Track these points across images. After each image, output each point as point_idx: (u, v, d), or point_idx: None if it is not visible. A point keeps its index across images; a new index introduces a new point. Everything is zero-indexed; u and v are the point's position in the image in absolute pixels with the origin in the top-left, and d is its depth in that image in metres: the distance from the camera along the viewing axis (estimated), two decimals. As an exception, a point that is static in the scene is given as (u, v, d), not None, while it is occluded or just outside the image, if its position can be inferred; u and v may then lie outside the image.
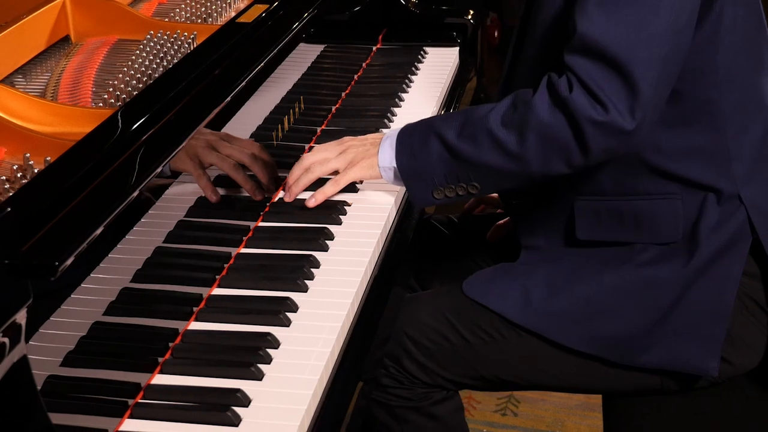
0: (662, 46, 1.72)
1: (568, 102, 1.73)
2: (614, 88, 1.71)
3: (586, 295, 1.90)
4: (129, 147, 1.55)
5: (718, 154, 1.87)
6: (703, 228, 1.86)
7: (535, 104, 1.77)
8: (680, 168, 1.87)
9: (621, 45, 1.70)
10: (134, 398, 1.50)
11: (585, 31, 1.73)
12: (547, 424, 3.23)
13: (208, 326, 1.67)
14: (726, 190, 1.87)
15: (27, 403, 1.26)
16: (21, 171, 1.54)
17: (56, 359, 1.45)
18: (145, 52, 1.99)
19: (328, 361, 1.59)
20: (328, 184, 1.98)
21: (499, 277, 1.99)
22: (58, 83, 1.93)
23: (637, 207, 1.90)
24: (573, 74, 1.74)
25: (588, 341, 1.90)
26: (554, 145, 1.77)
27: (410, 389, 2.00)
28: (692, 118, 1.86)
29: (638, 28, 1.71)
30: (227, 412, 1.45)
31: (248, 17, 2.06)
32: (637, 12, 1.71)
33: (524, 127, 1.78)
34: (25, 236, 1.28)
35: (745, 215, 1.87)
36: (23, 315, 1.24)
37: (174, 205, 1.80)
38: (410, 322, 1.98)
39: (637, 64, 1.70)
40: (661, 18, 1.71)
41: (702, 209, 1.87)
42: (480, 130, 1.82)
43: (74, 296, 1.45)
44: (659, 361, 1.88)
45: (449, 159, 1.86)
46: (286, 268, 1.81)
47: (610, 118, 1.71)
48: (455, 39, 2.88)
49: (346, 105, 2.51)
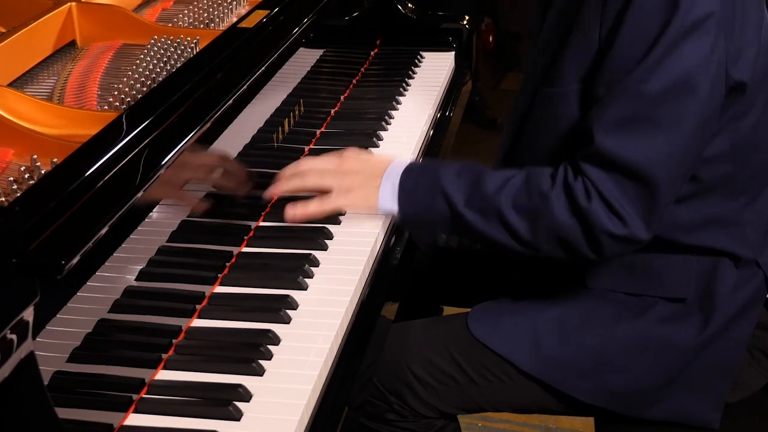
0: (684, 156, 1.68)
1: (586, 213, 1.68)
2: (631, 202, 1.67)
3: (598, 348, 1.86)
4: (133, 149, 1.55)
5: (732, 222, 1.84)
6: (719, 290, 1.83)
7: (551, 203, 1.72)
8: (695, 238, 1.84)
9: (642, 161, 1.65)
10: (139, 393, 1.50)
11: (604, 146, 1.68)
12: (541, 419, 3.23)
13: (210, 323, 1.67)
14: (743, 256, 1.84)
15: (34, 397, 1.26)
16: (28, 172, 1.54)
17: (63, 355, 1.45)
18: (149, 56, 1.99)
19: (327, 357, 1.60)
20: (314, 204, 1.88)
21: (507, 316, 1.93)
22: (64, 87, 1.93)
23: (649, 261, 1.86)
24: (591, 184, 1.69)
25: (597, 394, 1.87)
26: (566, 243, 1.73)
27: (414, 422, 1.97)
28: (707, 193, 1.81)
29: (662, 143, 1.66)
30: (229, 407, 1.45)
31: (249, 22, 2.06)
32: (660, 128, 1.66)
33: (537, 219, 1.73)
34: (32, 236, 1.28)
35: (761, 280, 1.86)
36: (30, 312, 1.24)
37: (177, 206, 1.80)
38: (413, 357, 1.94)
39: (659, 179, 1.66)
40: (682, 134, 1.66)
41: (717, 271, 1.84)
42: (491, 210, 1.76)
43: (80, 294, 1.45)
44: (665, 415, 1.87)
45: (455, 222, 1.81)
46: (287, 266, 1.81)
47: (627, 232, 1.68)
48: (451, 44, 2.87)
49: (344, 108, 2.51)
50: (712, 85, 1.65)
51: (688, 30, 1.63)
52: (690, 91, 1.64)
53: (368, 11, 2.83)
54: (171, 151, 1.62)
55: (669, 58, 1.64)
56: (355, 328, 1.72)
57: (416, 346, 1.95)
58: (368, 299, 1.81)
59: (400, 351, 1.94)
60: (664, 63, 1.64)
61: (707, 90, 1.65)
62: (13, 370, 1.22)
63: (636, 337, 1.85)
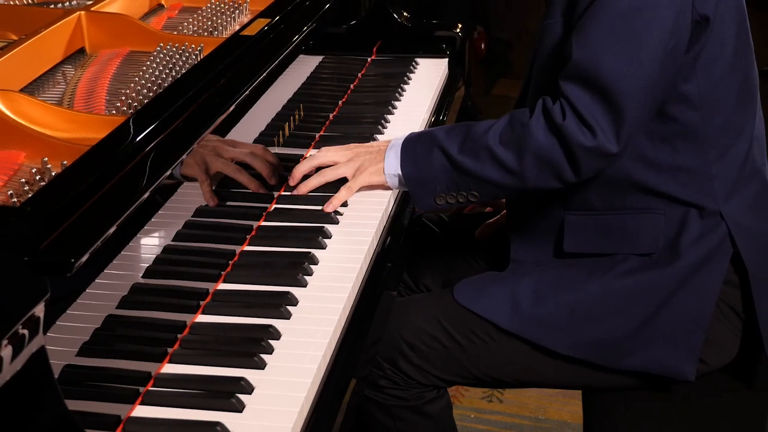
0: (649, 76, 1.73)
1: (562, 129, 1.76)
2: (602, 115, 1.74)
3: (572, 303, 1.90)
4: (140, 152, 1.55)
5: (701, 173, 1.87)
6: (684, 241, 1.86)
7: (532, 127, 1.80)
8: (664, 184, 1.87)
9: (610, 74, 1.72)
10: (145, 386, 1.50)
11: (578, 59, 1.76)
12: (531, 410, 3.23)
13: (214, 319, 1.67)
14: (708, 207, 1.87)
15: (45, 390, 1.26)
16: (39, 174, 1.54)
17: (72, 350, 1.45)
18: (155, 63, 1.99)
19: (326, 351, 1.60)
20: (342, 190, 1.99)
21: (488, 285, 1.98)
22: (74, 92, 1.93)
23: (622, 221, 1.90)
24: (566, 101, 1.77)
25: (573, 346, 1.90)
26: (549, 164, 1.80)
27: (405, 389, 2.00)
28: (677, 139, 1.86)
29: (627, 58, 1.72)
30: (232, 399, 1.45)
31: (251, 30, 2.06)
32: (626, 44, 1.73)
33: (522, 147, 1.80)
34: (43, 235, 1.28)
35: (725, 230, 1.87)
36: (41, 308, 1.24)
37: (182, 206, 1.80)
38: (406, 326, 1.98)
39: (625, 93, 1.72)
40: (649, 50, 1.72)
41: (683, 224, 1.87)
42: (480, 147, 1.84)
43: (89, 291, 1.45)
44: (641, 364, 1.88)
45: (451, 171, 1.88)
46: (287, 264, 1.81)
47: (597, 143, 1.74)
48: (444, 51, 2.88)
49: (342, 112, 2.51)
50: (677, 13, 1.73)
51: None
52: (654, 11, 1.72)
53: (365, 19, 2.84)
54: (176, 154, 1.63)
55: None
56: (353, 323, 1.73)
57: (407, 317, 1.99)
58: (365, 296, 1.81)
59: (393, 323, 1.98)
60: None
61: (671, 16, 1.73)
62: (25, 364, 1.22)
63: (606, 289, 1.89)
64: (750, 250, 1.88)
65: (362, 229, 1.94)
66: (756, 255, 1.89)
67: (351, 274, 1.80)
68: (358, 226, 1.95)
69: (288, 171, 2.05)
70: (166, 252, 1.72)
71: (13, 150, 1.63)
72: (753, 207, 1.92)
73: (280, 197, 2.04)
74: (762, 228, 1.92)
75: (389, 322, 1.96)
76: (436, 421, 2.06)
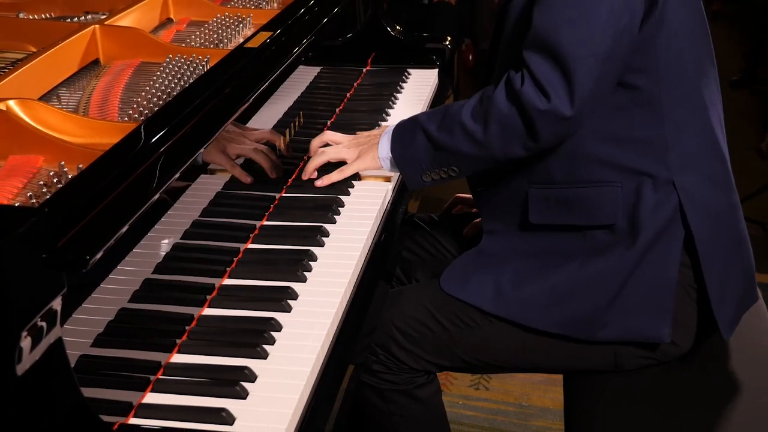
0: (602, 44, 1.73)
1: (520, 94, 1.77)
2: (556, 79, 1.75)
3: (549, 284, 1.91)
4: (150, 156, 1.55)
5: (657, 144, 1.87)
6: (642, 212, 1.86)
7: (495, 98, 1.82)
8: (621, 156, 1.87)
9: (564, 41, 1.73)
10: (155, 375, 1.50)
11: (537, 26, 1.77)
12: (515, 397, 3.23)
13: (219, 312, 1.67)
14: (661, 177, 1.86)
15: (62, 379, 1.26)
16: (57, 177, 1.54)
17: (87, 341, 1.45)
18: (164, 73, 1.99)
19: (324, 342, 1.60)
20: (335, 172, 2.05)
21: (471, 273, 1.98)
22: (89, 100, 1.93)
23: (581, 194, 1.90)
24: (526, 68, 1.78)
25: (552, 323, 1.91)
26: (511, 132, 1.81)
27: (397, 374, 2.01)
28: (634, 109, 1.86)
29: (581, 27, 1.73)
30: (236, 387, 1.45)
31: (255, 43, 2.06)
32: (581, 12, 1.73)
33: (488, 118, 1.82)
34: (60, 233, 1.28)
35: (677, 201, 1.86)
36: (58, 302, 1.24)
37: (190, 207, 1.80)
38: (397, 314, 1.99)
39: (577, 59, 1.73)
40: (601, 19, 1.73)
41: (639, 194, 1.86)
42: (454, 123, 1.87)
43: (103, 286, 1.45)
44: (616, 334, 1.88)
45: (432, 148, 1.91)
46: (288, 261, 1.81)
47: (551, 106, 1.75)
48: (435, 62, 2.88)
49: (339, 119, 2.51)
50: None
51: None
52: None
53: (361, 33, 2.84)
54: (185, 158, 1.62)
55: None
56: (349, 315, 1.73)
57: (399, 305, 2.01)
58: (360, 290, 1.81)
59: (386, 311, 1.99)
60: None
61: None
62: (44, 354, 1.22)
63: (578, 270, 1.89)
64: (700, 222, 1.86)
65: (358, 228, 1.94)
66: (706, 229, 1.87)
67: (347, 270, 1.80)
68: (354, 225, 1.95)
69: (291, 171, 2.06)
70: (175, 249, 1.72)
71: (33, 154, 1.63)
72: (707, 181, 1.90)
73: (282, 198, 2.04)
74: (712, 200, 1.90)
75: (383, 311, 1.97)
76: (426, 405, 2.07)
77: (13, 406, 1.21)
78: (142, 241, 1.56)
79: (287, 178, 2.12)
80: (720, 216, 1.92)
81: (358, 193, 2.07)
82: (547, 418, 3.14)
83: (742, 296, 1.97)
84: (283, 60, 2.06)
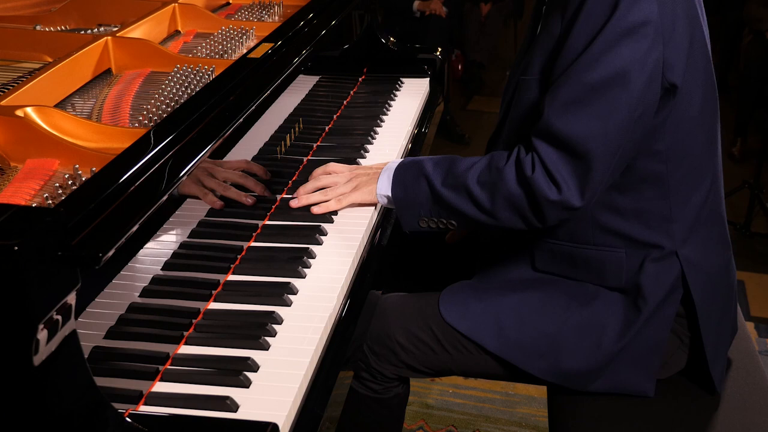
0: (616, 140, 1.67)
1: (530, 181, 1.71)
2: (568, 172, 1.69)
3: (552, 332, 1.86)
4: (159, 159, 1.55)
5: (662, 217, 1.82)
6: (646, 280, 1.82)
7: (505, 175, 1.75)
8: (626, 227, 1.82)
9: (580, 138, 1.66)
10: (164, 365, 1.50)
11: (550, 122, 1.69)
12: (501, 386, 3.23)
13: (224, 306, 1.67)
14: (666, 247, 1.82)
15: (76, 369, 1.26)
16: (72, 179, 1.54)
17: (100, 333, 1.45)
18: (172, 82, 1.99)
19: (322, 334, 1.60)
20: (332, 202, 1.99)
21: (472, 302, 1.93)
22: (101, 107, 1.92)
23: (586, 254, 1.86)
24: (537, 156, 1.71)
25: (549, 372, 1.87)
26: (517, 211, 1.75)
27: (381, 383, 2.00)
28: (642, 187, 1.80)
29: (597, 125, 1.66)
30: (240, 376, 1.46)
31: (257, 53, 2.06)
32: (597, 112, 1.66)
33: (495, 190, 1.76)
34: (74, 232, 1.28)
35: (679, 269, 1.83)
36: (73, 297, 1.24)
37: (196, 207, 1.80)
38: (399, 329, 1.95)
39: (593, 155, 1.66)
40: (618, 117, 1.66)
41: (643, 262, 1.82)
42: (460, 184, 1.81)
43: (115, 281, 1.45)
44: (607, 387, 1.87)
45: (433, 200, 1.85)
46: (289, 258, 1.81)
47: (562, 198, 1.69)
48: (426, 71, 2.88)
49: (337, 125, 2.51)
50: (646, 84, 1.65)
51: (625, 32, 1.64)
52: (624, 84, 1.65)
53: (357, 44, 2.84)
54: (191, 161, 1.62)
55: (608, 55, 1.65)
56: (345, 310, 1.73)
57: (400, 318, 1.96)
58: (356, 286, 1.81)
59: (386, 322, 1.96)
60: (603, 58, 1.65)
61: (640, 87, 1.65)
62: (59, 346, 1.22)
63: (583, 323, 1.85)
64: (699, 285, 1.84)
65: (354, 227, 1.94)
66: (704, 289, 1.85)
67: (344, 267, 1.80)
68: (351, 225, 1.95)
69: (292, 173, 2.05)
70: (183, 247, 1.72)
71: (49, 158, 1.63)
72: (707, 246, 1.87)
73: (283, 199, 2.04)
74: (711, 263, 1.88)
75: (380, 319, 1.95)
76: (392, 412, 2.07)
77: (30, 395, 1.21)
78: (152, 239, 1.56)
79: (287, 180, 2.12)
80: (717, 277, 1.90)
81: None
82: (531, 405, 3.14)
83: (728, 343, 1.97)
84: (283, 69, 2.06)
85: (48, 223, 1.21)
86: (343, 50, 2.76)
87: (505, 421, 3.06)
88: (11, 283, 1.16)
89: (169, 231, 1.65)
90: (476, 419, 3.07)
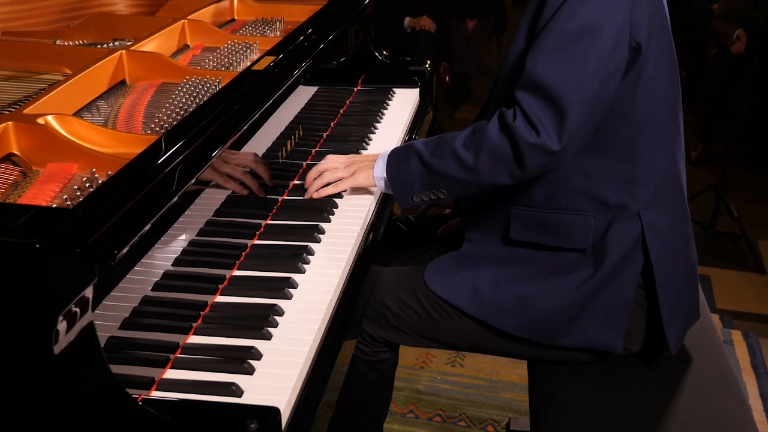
0: (590, 87, 1.70)
1: (512, 128, 1.74)
2: (546, 116, 1.71)
3: (522, 295, 1.88)
4: (170, 164, 1.55)
5: (629, 181, 1.84)
6: (609, 240, 1.84)
7: (488, 129, 1.78)
8: (596, 189, 1.84)
9: (556, 83, 1.70)
10: (174, 353, 1.50)
11: (531, 70, 1.73)
12: (486, 373, 3.24)
13: (230, 299, 1.67)
14: (630, 208, 1.84)
15: (93, 357, 1.26)
16: (89, 182, 1.54)
17: (115, 324, 1.45)
18: (182, 92, 1.99)
19: (320, 325, 1.60)
20: (331, 186, 2.04)
21: (454, 271, 1.96)
22: (116, 115, 1.92)
23: (558, 219, 1.87)
24: (518, 105, 1.74)
25: (522, 328, 1.89)
26: (500, 161, 1.77)
27: (369, 345, 2.02)
28: (612, 150, 1.82)
29: (571, 71, 1.70)
30: (244, 364, 1.46)
31: (260, 66, 2.06)
32: (572, 59, 1.70)
33: (479, 147, 1.79)
34: (91, 231, 1.28)
35: (640, 230, 1.84)
36: (90, 290, 1.24)
37: (204, 208, 1.80)
38: (389, 295, 1.98)
39: (567, 99, 1.69)
40: (590, 65, 1.69)
41: (609, 224, 1.84)
42: (447, 150, 1.84)
43: (129, 276, 1.45)
44: (577, 342, 1.88)
45: (424, 171, 1.87)
46: (289, 255, 1.81)
47: (540, 141, 1.72)
48: (416, 82, 2.88)
49: (334, 132, 2.51)
50: (616, 39, 1.71)
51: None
52: (597, 36, 1.70)
53: (352, 57, 2.84)
54: (200, 165, 1.63)
55: (582, 7, 1.70)
56: (341, 304, 1.73)
57: (390, 287, 2.00)
58: (352, 280, 1.81)
59: (380, 290, 1.99)
60: (578, 10, 1.70)
61: (611, 40, 1.70)
62: (77, 336, 1.23)
63: (550, 285, 1.87)
64: (657, 248, 1.85)
65: (350, 226, 1.94)
66: (662, 255, 1.86)
67: (340, 263, 1.80)
68: (347, 224, 1.95)
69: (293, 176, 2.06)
70: (191, 245, 1.72)
71: (68, 162, 1.63)
72: (668, 214, 1.89)
73: (284, 200, 2.04)
74: (669, 232, 1.89)
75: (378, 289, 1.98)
76: (382, 375, 2.08)
77: (50, 381, 1.21)
78: (163, 237, 1.57)
79: (288, 182, 2.12)
80: (676, 245, 1.92)
81: (349, 197, 2.07)
82: (514, 391, 3.15)
83: (687, 317, 1.98)
84: (285, 81, 2.06)
85: (67, 223, 1.21)
86: (340, 63, 2.76)
87: (489, 406, 3.07)
88: (33, 278, 1.16)
89: (178, 230, 1.65)
90: (463, 404, 3.07)
